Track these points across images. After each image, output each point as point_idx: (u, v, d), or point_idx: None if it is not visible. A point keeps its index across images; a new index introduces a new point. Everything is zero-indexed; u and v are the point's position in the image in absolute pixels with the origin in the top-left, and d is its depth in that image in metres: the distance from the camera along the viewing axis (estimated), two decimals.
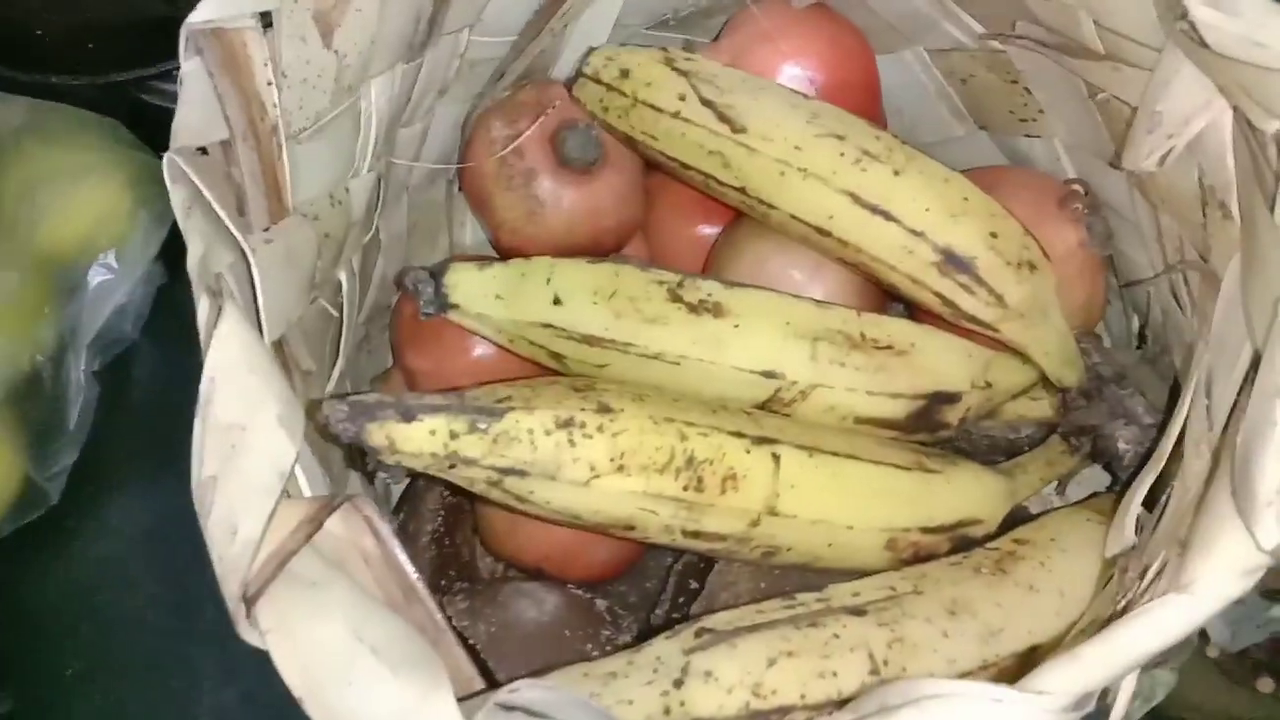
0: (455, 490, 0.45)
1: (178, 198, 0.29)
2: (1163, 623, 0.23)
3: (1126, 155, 0.37)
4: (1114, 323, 0.48)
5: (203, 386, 0.27)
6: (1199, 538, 0.25)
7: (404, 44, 0.37)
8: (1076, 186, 0.42)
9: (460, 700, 0.23)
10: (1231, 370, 0.30)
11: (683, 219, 0.49)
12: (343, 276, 0.39)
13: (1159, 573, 0.27)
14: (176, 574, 0.53)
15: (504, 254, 0.49)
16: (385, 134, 0.39)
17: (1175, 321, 0.40)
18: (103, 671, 0.52)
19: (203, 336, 0.28)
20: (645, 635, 0.42)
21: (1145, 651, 0.23)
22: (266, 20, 0.31)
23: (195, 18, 0.29)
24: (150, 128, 0.58)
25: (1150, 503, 0.35)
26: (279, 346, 0.33)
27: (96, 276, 0.53)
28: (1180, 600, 0.23)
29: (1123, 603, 0.29)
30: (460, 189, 0.50)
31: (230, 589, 0.25)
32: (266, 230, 0.33)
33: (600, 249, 0.48)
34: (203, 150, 0.32)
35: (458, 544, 0.45)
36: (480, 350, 0.44)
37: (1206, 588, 0.23)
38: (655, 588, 0.44)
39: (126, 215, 0.54)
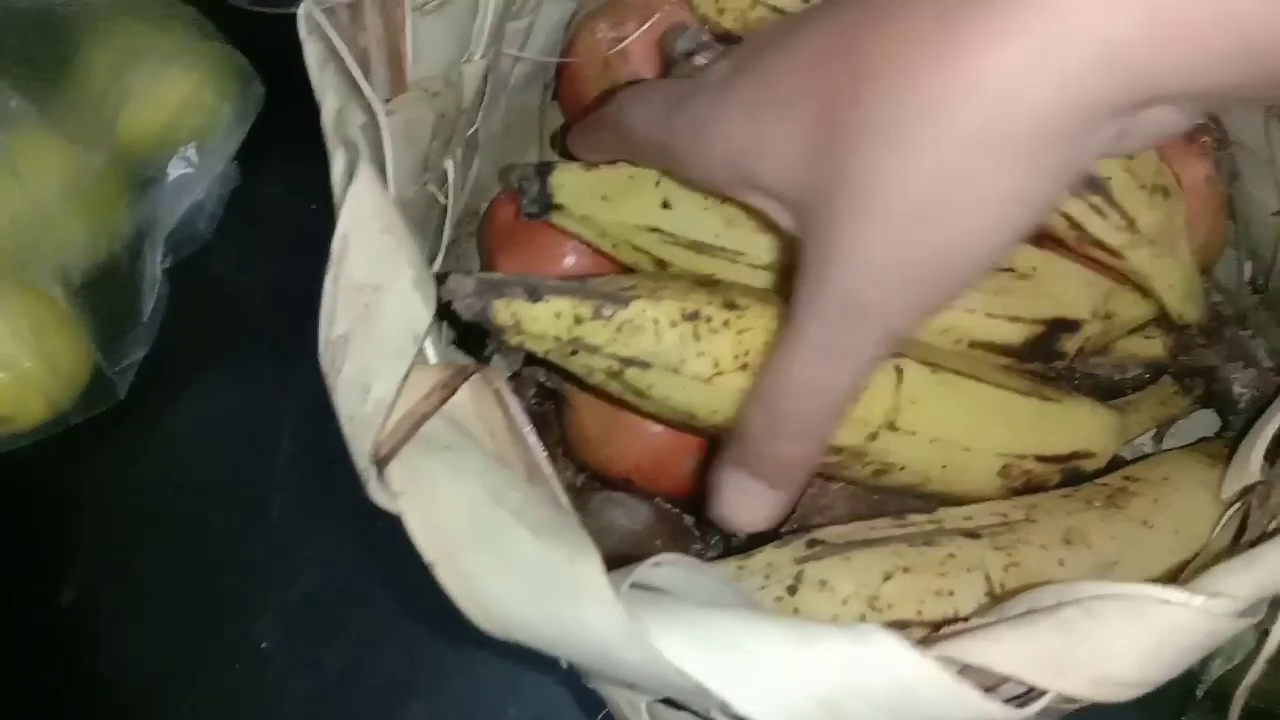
0: (541, 399, 0.44)
1: (312, 51, 0.28)
2: None
3: None
4: (1221, 269, 0.46)
5: (335, 244, 0.26)
6: None
7: None
8: (1206, 120, 0.40)
9: None
10: None
11: None
12: (449, 165, 0.37)
13: None
14: (241, 477, 0.53)
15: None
16: (498, 22, 0.38)
17: None
18: (165, 570, 0.51)
19: (336, 192, 0.27)
20: (731, 554, 0.41)
21: None
22: None
23: None
24: (231, 29, 0.57)
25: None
26: None
27: (176, 169, 0.52)
28: None
29: (1273, 524, 0.28)
30: (555, 97, 0.49)
31: (361, 448, 0.24)
32: (388, 101, 0.32)
33: None
34: (330, 12, 0.31)
35: None
36: (572, 260, 0.43)
37: None
38: None
39: (208, 108, 0.53)
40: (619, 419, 0.38)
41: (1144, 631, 0.22)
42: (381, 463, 0.24)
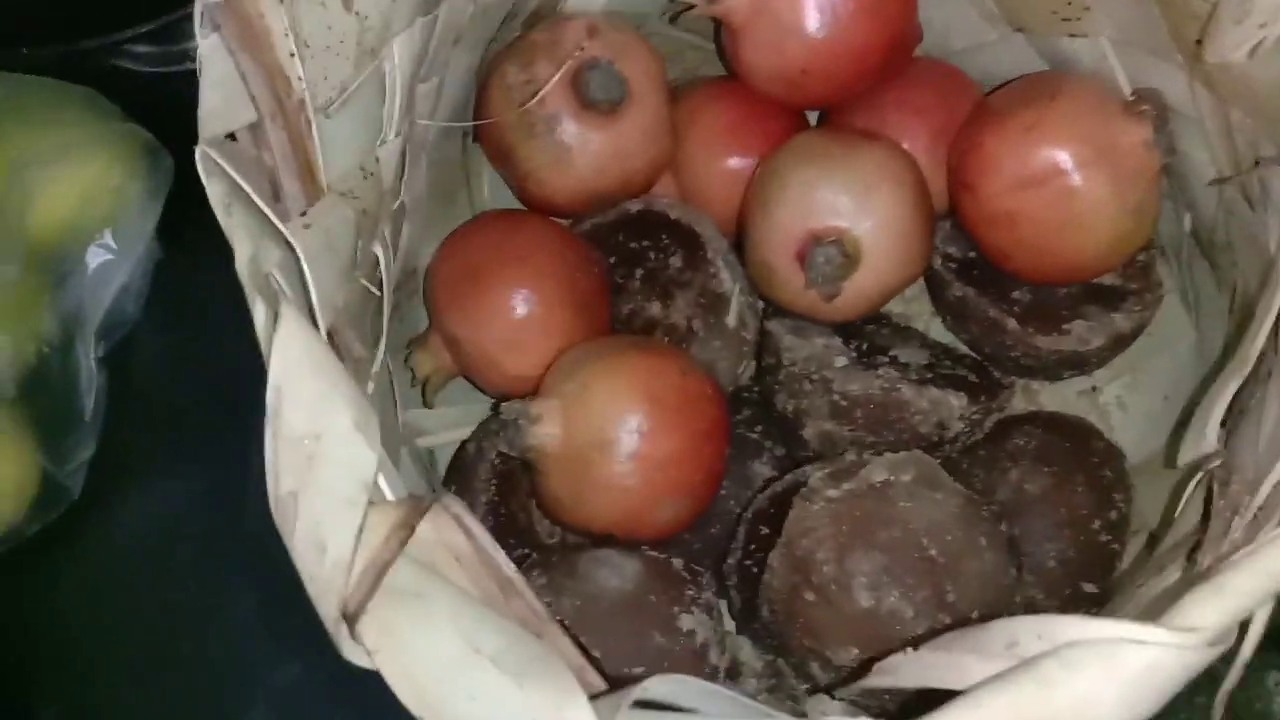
0: (505, 457, 0.43)
1: (215, 193, 0.27)
2: None
3: (1209, 47, 0.35)
4: (1163, 225, 0.47)
5: (269, 397, 0.25)
6: None
7: None
8: (1147, 91, 0.40)
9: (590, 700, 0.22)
10: None
11: (713, 153, 0.46)
12: (379, 250, 0.36)
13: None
14: (208, 561, 0.51)
15: (530, 205, 0.46)
16: (408, 95, 0.36)
17: (1241, 219, 0.39)
18: (141, 668, 0.50)
19: (263, 344, 0.26)
20: (721, 585, 0.41)
21: None
22: None
23: None
24: (126, 95, 0.54)
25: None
26: (330, 338, 0.31)
27: (96, 258, 0.50)
28: None
29: (1234, 518, 0.28)
30: (475, 140, 0.47)
31: (327, 610, 0.24)
32: (304, 215, 0.30)
33: (630, 190, 0.45)
34: (231, 137, 0.30)
35: (513, 510, 0.43)
36: (523, 310, 0.42)
37: None
38: (721, 531, 0.43)
39: (116, 191, 0.50)
40: (588, 479, 0.38)
41: (1120, 675, 0.22)
42: (351, 620, 0.23)
